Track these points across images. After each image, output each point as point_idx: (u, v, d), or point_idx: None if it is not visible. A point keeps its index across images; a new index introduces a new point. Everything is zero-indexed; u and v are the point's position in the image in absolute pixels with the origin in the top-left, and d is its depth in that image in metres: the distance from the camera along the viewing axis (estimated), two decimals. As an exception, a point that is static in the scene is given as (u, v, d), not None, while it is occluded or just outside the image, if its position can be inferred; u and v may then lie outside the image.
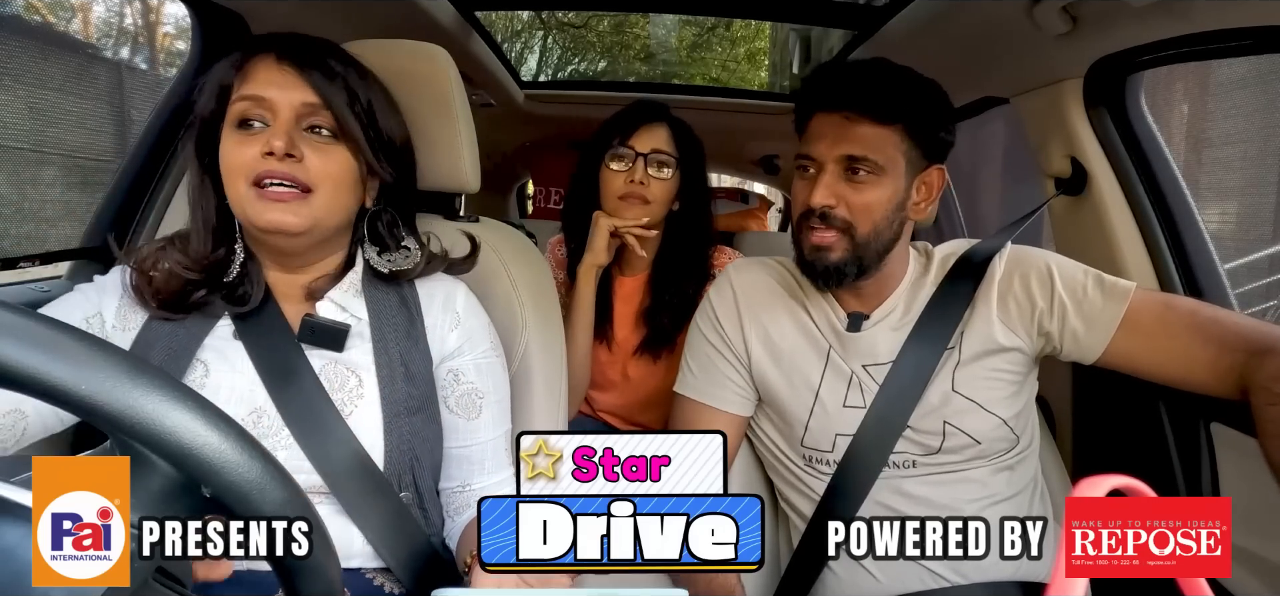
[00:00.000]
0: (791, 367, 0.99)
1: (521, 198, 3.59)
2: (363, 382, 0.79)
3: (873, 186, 0.90)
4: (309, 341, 0.79)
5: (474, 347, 0.87)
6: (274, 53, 0.77)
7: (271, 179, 0.74)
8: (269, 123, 0.75)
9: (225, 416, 0.35)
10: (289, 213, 0.75)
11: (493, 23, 2.37)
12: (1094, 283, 0.93)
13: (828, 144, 0.91)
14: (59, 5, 3.95)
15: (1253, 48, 0.93)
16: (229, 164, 0.75)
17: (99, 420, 0.32)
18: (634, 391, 1.44)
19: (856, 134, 0.89)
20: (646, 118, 1.34)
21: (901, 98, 0.90)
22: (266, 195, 0.74)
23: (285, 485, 0.37)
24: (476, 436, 0.85)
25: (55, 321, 0.33)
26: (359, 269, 0.85)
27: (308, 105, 0.76)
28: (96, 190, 2.82)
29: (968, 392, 0.93)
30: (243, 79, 0.76)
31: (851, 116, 0.90)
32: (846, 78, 0.93)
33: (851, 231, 0.91)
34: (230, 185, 0.76)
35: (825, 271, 0.93)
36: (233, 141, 0.76)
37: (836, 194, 0.91)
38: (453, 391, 0.85)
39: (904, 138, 0.90)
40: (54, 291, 1.04)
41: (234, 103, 0.76)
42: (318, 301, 0.82)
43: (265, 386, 0.76)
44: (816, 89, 0.95)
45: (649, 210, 1.32)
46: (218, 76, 0.78)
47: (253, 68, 0.77)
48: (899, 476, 0.95)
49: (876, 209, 0.91)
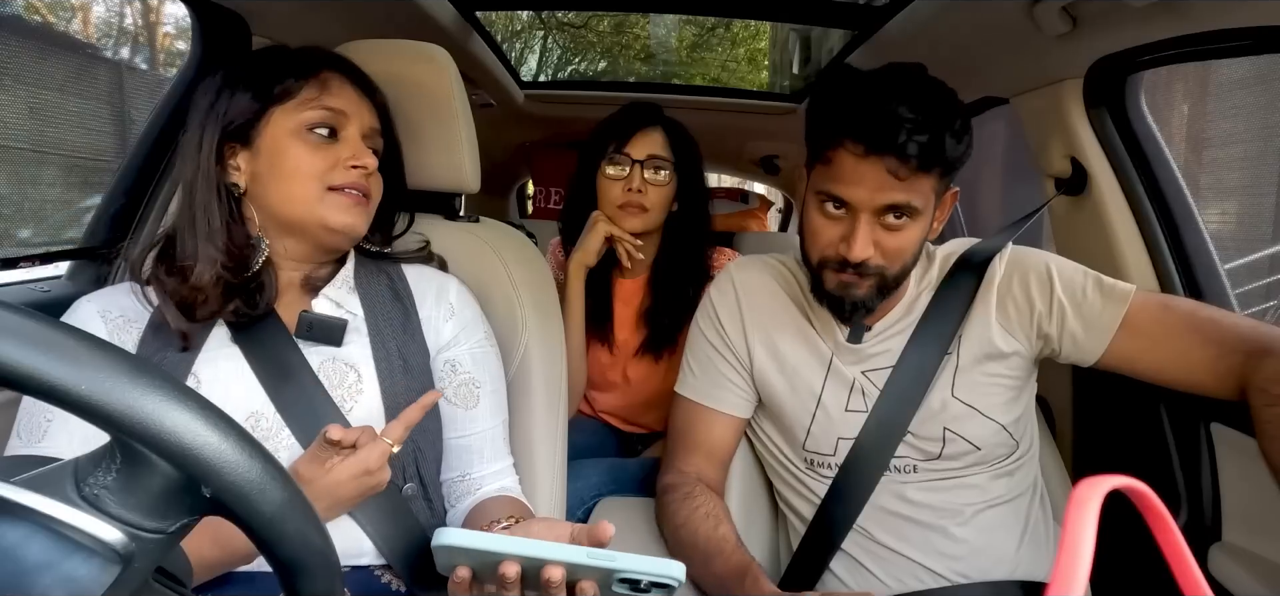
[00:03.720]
0: (794, 372, 0.99)
1: (521, 198, 3.59)
2: (362, 377, 0.79)
3: (908, 229, 0.86)
4: (306, 337, 0.79)
5: (469, 337, 0.88)
6: (342, 73, 0.82)
7: (352, 187, 0.79)
8: (338, 136, 0.80)
9: (226, 416, 0.35)
10: (360, 215, 0.81)
11: (493, 23, 2.36)
12: (1093, 285, 0.93)
13: (868, 191, 0.83)
14: (59, 5, 3.95)
15: (1253, 48, 0.92)
16: (298, 166, 0.78)
17: (99, 420, 0.32)
18: (635, 392, 1.44)
19: (903, 183, 0.82)
20: (641, 122, 1.34)
21: (946, 141, 0.81)
22: (345, 198, 0.79)
23: (286, 485, 0.36)
24: (475, 425, 0.86)
25: (55, 321, 0.33)
26: (351, 265, 0.86)
27: (373, 128, 0.84)
28: (96, 190, 2.82)
29: (967, 398, 0.93)
30: (321, 87, 0.80)
31: (898, 166, 0.80)
32: (894, 120, 0.80)
33: (883, 273, 0.89)
34: (295, 186, 0.78)
35: (852, 308, 0.90)
36: (301, 145, 0.78)
37: (873, 241, 0.85)
38: (450, 382, 0.86)
39: (939, 178, 0.85)
40: (54, 291, 1.04)
41: (309, 107, 0.79)
42: (314, 297, 0.82)
43: (263, 387, 0.76)
44: (854, 121, 0.82)
45: (647, 217, 1.32)
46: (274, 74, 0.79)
47: (327, 81, 0.80)
48: (900, 481, 0.95)
49: (908, 250, 0.88)
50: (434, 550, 0.58)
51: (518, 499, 0.86)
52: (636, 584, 0.57)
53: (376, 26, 1.25)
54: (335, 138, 0.80)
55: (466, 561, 0.60)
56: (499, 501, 0.84)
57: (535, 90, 2.40)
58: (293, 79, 0.79)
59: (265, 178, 0.79)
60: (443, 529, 0.58)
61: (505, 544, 0.58)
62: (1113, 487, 0.29)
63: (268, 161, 0.78)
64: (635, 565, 0.56)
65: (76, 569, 0.33)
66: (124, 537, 0.35)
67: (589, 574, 0.58)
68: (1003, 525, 0.94)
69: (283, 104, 0.78)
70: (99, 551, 0.34)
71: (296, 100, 0.78)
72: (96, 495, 0.35)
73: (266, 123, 0.78)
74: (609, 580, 0.57)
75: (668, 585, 0.57)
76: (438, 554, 0.59)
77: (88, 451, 0.36)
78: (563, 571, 0.57)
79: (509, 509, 0.81)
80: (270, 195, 0.79)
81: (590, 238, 1.31)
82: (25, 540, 0.33)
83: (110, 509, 0.35)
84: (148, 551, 0.36)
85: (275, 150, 0.78)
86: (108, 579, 0.33)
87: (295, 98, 0.78)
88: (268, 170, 0.78)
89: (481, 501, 0.84)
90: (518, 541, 0.58)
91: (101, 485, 0.35)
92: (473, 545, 0.57)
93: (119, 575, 0.34)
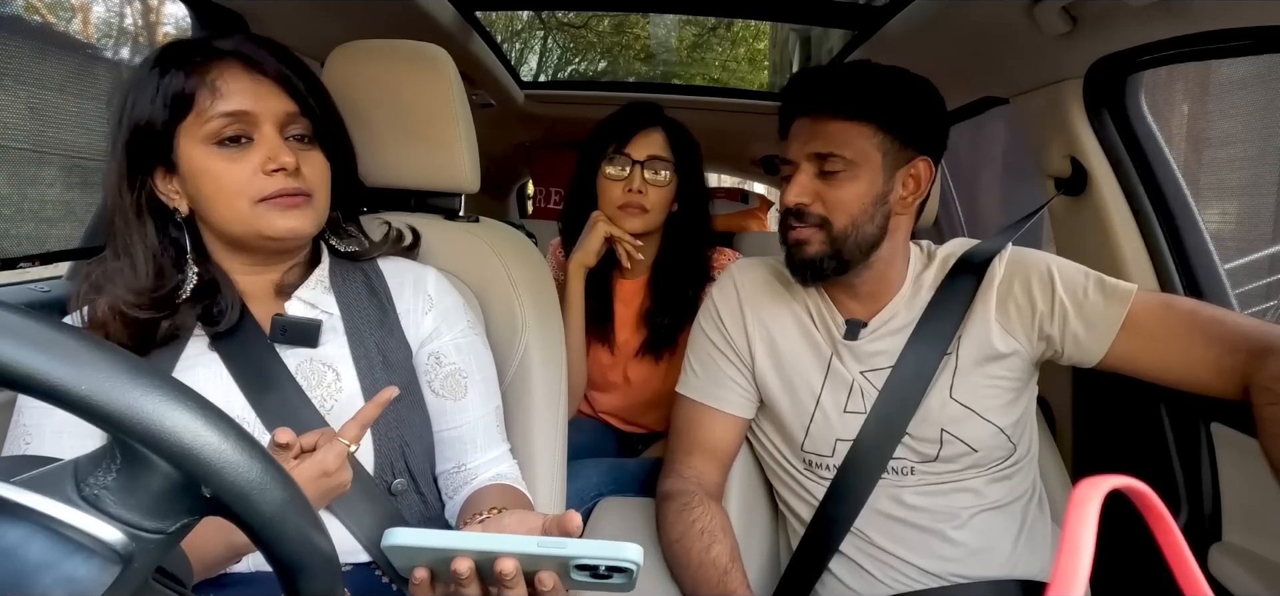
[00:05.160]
0: (793, 371, 0.99)
1: (521, 198, 3.59)
2: (340, 376, 0.78)
3: (847, 182, 0.91)
4: (281, 340, 0.78)
5: (451, 327, 0.87)
6: (239, 61, 0.74)
7: (282, 193, 0.74)
8: (253, 136, 0.74)
9: (225, 416, 0.35)
10: (302, 218, 0.76)
11: (493, 23, 2.37)
12: (1095, 285, 0.93)
13: (800, 144, 0.94)
14: (59, 5, 3.95)
15: (1253, 48, 0.92)
16: (221, 184, 0.73)
17: (98, 420, 0.32)
18: (635, 393, 1.44)
19: (825, 131, 0.91)
20: (641, 122, 1.34)
21: (868, 93, 0.91)
22: (279, 205, 0.74)
23: (286, 486, 0.36)
24: (465, 416, 0.85)
25: (55, 321, 0.33)
26: (325, 264, 0.85)
27: (288, 114, 0.76)
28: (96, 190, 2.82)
29: (965, 400, 0.93)
30: (211, 91, 0.72)
31: (820, 116, 0.92)
32: (815, 79, 0.96)
33: (827, 227, 0.92)
34: (223, 205, 0.74)
35: (802, 265, 0.95)
36: (217, 160, 0.72)
37: (811, 192, 0.92)
38: (436, 374, 0.85)
39: (877, 132, 0.90)
40: (54, 291, 1.04)
41: (207, 119, 0.71)
42: (287, 299, 0.81)
43: (243, 394, 0.75)
44: (791, 93, 0.97)
45: (647, 218, 1.32)
46: (172, 86, 0.72)
47: (220, 80, 0.72)
48: (897, 483, 0.95)
49: (852, 204, 0.91)
50: (386, 551, 0.57)
51: (511, 486, 0.85)
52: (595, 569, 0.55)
53: (376, 26, 1.25)
54: (251, 142, 0.73)
55: (422, 561, 0.59)
56: (490, 491, 0.82)
57: (535, 90, 2.40)
58: (183, 85, 0.71)
59: (198, 201, 0.75)
60: (391, 530, 0.56)
61: (454, 539, 0.56)
62: (1113, 487, 0.29)
63: (193, 184, 0.73)
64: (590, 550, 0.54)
65: (76, 569, 0.33)
66: (124, 537, 0.35)
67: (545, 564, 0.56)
68: (999, 529, 0.94)
69: (184, 120, 0.72)
70: (99, 551, 0.34)
71: (194, 113, 0.72)
72: (96, 495, 0.35)
73: (178, 143, 0.73)
74: (567, 568, 0.56)
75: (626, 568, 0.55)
76: (391, 555, 0.57)
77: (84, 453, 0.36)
78: (516, 563, 0.55)
79: (496, 498, 0.79)
80: (210, 218, 0.75)
81: (590, 238, 1.31)
82: (25, 540, 0.33)
83: (110, 509, 0.35)
84: (148, 551, 0.36)
85: (194, 172, 0.73)
86: (108, 579, 0.33)
87: (194, 110, 0.72)
88: (196, 193, 0.74)
89: (475, 492, 0.83)
90: (466, 536, 0.57)
91: (101, 485, 0.35)
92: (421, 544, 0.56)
93: (119, 575, 0.34)
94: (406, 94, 0.93)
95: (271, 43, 0.78)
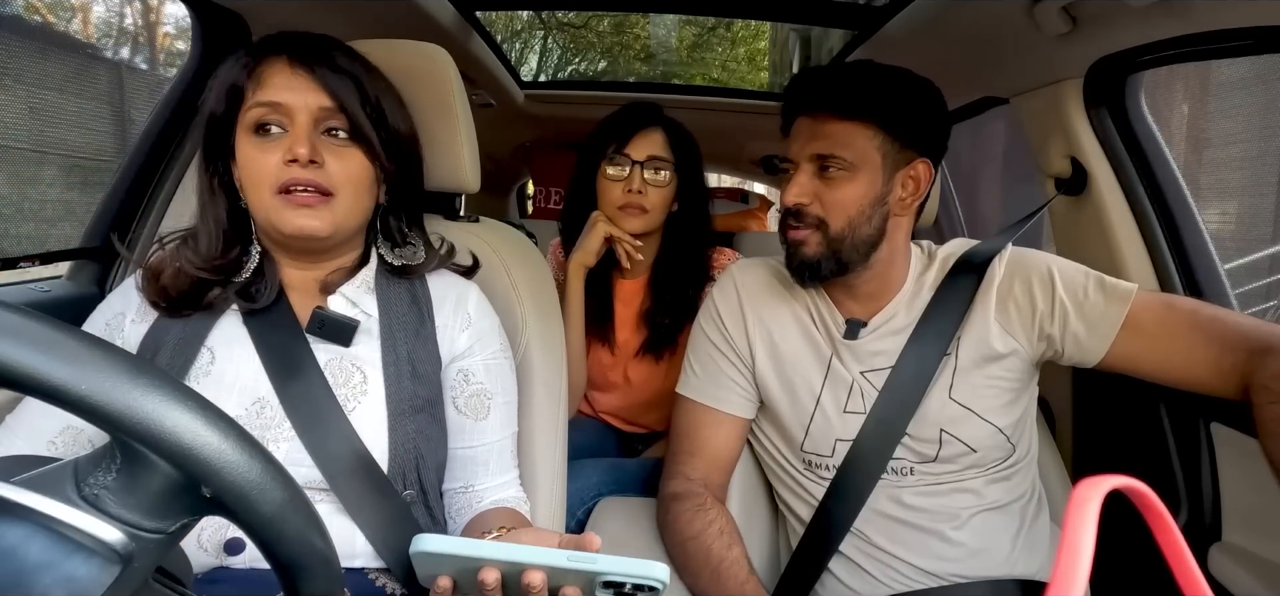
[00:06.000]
0: (794, 371, 0.99)
1: (521, 198, 3.59)
2: (367, 379, 0.79)
3: (845, 183, 0.91)
4: (317, 333, 0.79)
5: (485, 348, 0.87)
6: (286, 55, 0.77)
7: (296, 185, 0.75)
8: (287, 128, 0.76)
9: (226, 416, 0.35)
10: (314, 218, 0.76)
11: (493, 23, 2.37)
12: (1095, 285, 0.93)
13: (800, 144, 0.94)
14: (59, 5, 3.95)
15: (1253, 48, 0.92)
16: (250, 172, 0.76)
17: (99, 420, 0.32)
18: (636, 393, 1.44)
19: (825, 132, 0.91)
20: (641, 122, 1.34)
21: (868, 93, 0.91)
22: (292, 201, 0.75)
23: (286, 486, 0.37)
24: (484, 437, 0.85)
25: (55, 321, 0.33)
26: (373, 266, 0.85)
27: (324, 109, 0.77)
28: (96, 190, 2.82)
29: (964, 400, 0.93)
30: (256, 83, 0.76)
31: (820, 116, 0.92)
32: (816, 79, 0.96)
33: (824, 228, 0.92)
34: (253, 192, 0.77)
35: (801, 266, 0.95)
36: (251, 148, 0.76)
37: (810, 192, 0.93)
38: (462, 392, 0.85)
39: (877, 132, 0.90)
40: (54, 291, 1.04)
41: (248, 108, 0.76)
42: (330, 295, 0.82)
43: (269, 377, 0.76)
44: (792, 93, 0.97)
45: (647, 218, 1.32)
46: (227, 78, 0.77)
47: (265, 71, 0.76)
48: (896, 483, 0.95)
49: (851, 205, 0.91)
50: (413, 557, 0.57)
51: (516, 510, 0.85)
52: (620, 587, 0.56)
53: (377, 26, 1.25)
54: (283, 132, 0.76)
55: (446, 569, 0.59)
56: (496, 512, 0.83)
57: (535, 90, 2.40)
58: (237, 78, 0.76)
59: (243, 188, 0.78)
60: (421, 536, 0.56)
61: (484, 549, 0.56)
62: (1113, 487, 0.29)
63: (241, 171, 0.78)
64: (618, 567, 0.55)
65: (77, 569, 0.33)
66: (124, 537, 0.35)
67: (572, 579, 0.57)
68: (999, 529, 0.94)
69: (241, 108, 0.76)
70: (99, 551, 0.34)
71: (244, 104, 0.76)
72: (97, 495, 0.35)
73: (236, 132, 0.77)
74: (592, 585, 0.56)
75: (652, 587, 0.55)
76: (417, 561, 0.58)
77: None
78: (544, 576, 0.56)
79: (503, 519, 0.80)
80: (249, 205, 0.79)
81: (590, 238, 1.31)
82: (26, 540, 0.33)
83: (110, 509, 0.35)
84: (148, 551, 0.36)
85: (240, 160, 0.77)
86: (108, 579, 0.33)
87: (244, 101, 0.76)
88: (242, 180, 0.78)
89: (480, 513, 0.83)
90: (497, 546, 0.57)
91: (102, 485, 0.35)
92: (451, 551, 0.56)
93: (119, 575, 0.34)
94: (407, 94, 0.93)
95: (323, 39, 0.81)
